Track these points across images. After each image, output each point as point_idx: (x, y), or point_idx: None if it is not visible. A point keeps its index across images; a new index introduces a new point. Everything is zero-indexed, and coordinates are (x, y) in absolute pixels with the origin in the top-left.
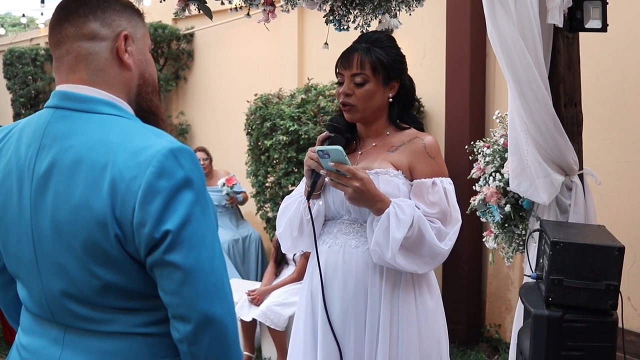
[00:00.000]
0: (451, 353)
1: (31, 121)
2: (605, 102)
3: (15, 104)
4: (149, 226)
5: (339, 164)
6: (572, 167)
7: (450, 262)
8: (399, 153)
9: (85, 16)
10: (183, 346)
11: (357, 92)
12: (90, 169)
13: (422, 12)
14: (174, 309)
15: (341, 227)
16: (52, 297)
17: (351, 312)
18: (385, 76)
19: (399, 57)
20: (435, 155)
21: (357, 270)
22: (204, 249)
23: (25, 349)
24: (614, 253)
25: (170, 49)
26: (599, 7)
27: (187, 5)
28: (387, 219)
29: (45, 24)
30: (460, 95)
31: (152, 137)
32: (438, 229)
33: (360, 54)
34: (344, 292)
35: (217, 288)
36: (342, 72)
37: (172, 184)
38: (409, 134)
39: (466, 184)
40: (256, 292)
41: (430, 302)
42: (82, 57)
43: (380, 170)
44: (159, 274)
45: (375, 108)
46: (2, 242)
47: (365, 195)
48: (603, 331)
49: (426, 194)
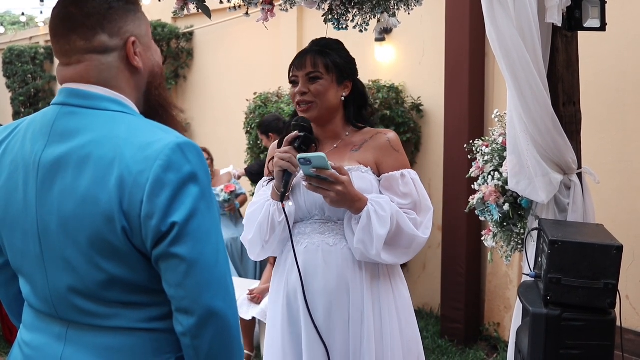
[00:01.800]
0: (450, 352)
1: (37, 118)
2: (604, 101)
3: (15, 103)
4: (156, 218)
5: (321, 170)
6: (570, 166)
7: (449, 261)
8: (363, 151)
9: (93, 29)
10: (186, 339)
11: (312, 87)
12: (98, 164)
13: (421, 12)
14: (178, 302)
15: (315, 226)
16: (57, 292)
17: (335, 310)
18: (338, 75)
19: (350, 59)
20: (398, 148)
21: (338, 267)
22: (208, 242)
23: (28, 346)
24: (613, 252)
25: (170, 47)
26: (598, 6)
27: (185, 4)
28: (367, 217)
29: (45, 23)
30: (459, 94)
31: (158, 132)
32: (414, 219)
33: (312, 55)
34: (326, 291)
35: (220, 282)
36: (296, 74)
37: (179, 177)
38: (368, 131)
39: (465, 182)
40: (256, 290)
41: (405, 293)
42: (94, 67)
43: (352, 167)
44: (164, 267)
45: (330, 105)
46: (7, 237)
47: (347, 197)
48: (601, 330)
49: (397, 186)
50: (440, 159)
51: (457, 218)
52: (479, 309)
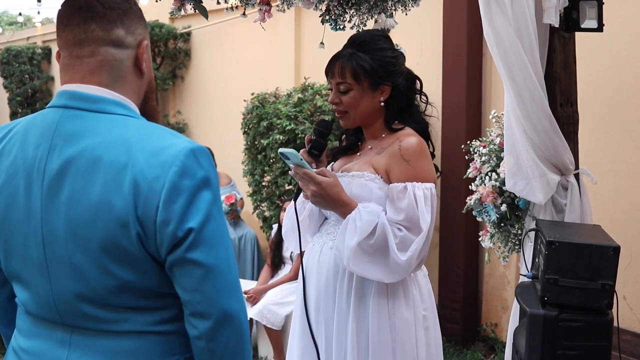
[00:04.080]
0: (447, 352)
1: (36, 120)
2: (602, 102)
3: (12, 103)
4: (173, 225)
5: (297, 167)
6: (568, 166)
7: (446, 262)
8: (382, 156)
9: (114, 22)
10: (201, 343)
11: (343, 99)
12: (109, 168)
13: (418, 12)
14: (194, 306)
15: (327, 227)
16: (62, 299)
17: (322, 310)
18: (371, 82)
19: (387, 59)
20: (410, 158)
21: (328, 270)
22: (222, 246)
23: (27, 352)
24: (610, 252)
25: (167, 48)
26: (595, 7)
27: (182, 4)
28: (346, 224)
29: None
30: (456, 94)
31: (169, 136)
32: (403, 237)
33: (341, 62)
34: (317, 290)
35: (233, 285)
36: (329, 81)
37: (194, 183)
38: (397, 135)
39: (462, 183)
40: (252, 290)
41: (407, 314)
42: (107, 62)
43: (357, 174)
44: (178, 272)
45: (366, 113)
46: (4, 243)
47: (326, 199)
48: (599, 330)
49: (396, 199)
50: (437, 159)
51: (455, 219)
52: (477, 310)
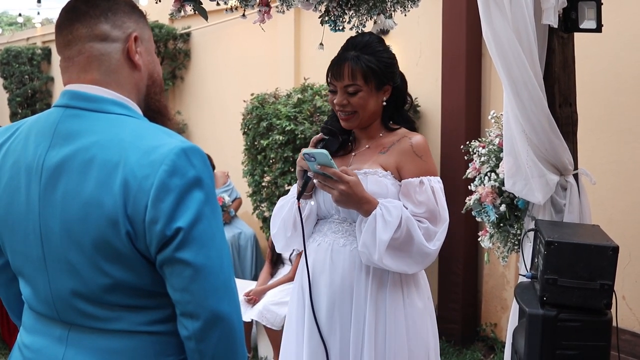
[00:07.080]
0: (447, 352)
1: (39, 120)
2: (600, 102)
3: (12, 104)
4: (161, 224)
5: (324, 167)
6: (567, 167)
7: (445, 262)
8: (388, 154)
9: (97, 17)
10: (191, 343)
11: (352, 100)
12: (102, 167)
13: (417, 12)
14: (183, 306)
15: (331, 225)
16: (59, 295)
17: (337, 310)
18: (377, 82)
19: (389, 60)
20: (422, 154)
21: (344, 268)
22: (213, 247)
23: (28, 348)
24: (609, 253)
25: (167, 48)
26: (594, 7)
27: (182, 6)
28: (374, 221)
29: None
30: (455, 95)
31: (163, 136)
32: (426, 228)
33: (350, 64)
34: (331, 290)
35: (225, 286)
36: (334, 83)
37: (184, 182)
38: (398, 134)
39: (462, 183)
40: (252, 292)
41: (419, 303)
42: (94, 57)
43: (369, 171)
44: (168, 271)
45: (371, 113)
46: (8, 239)
47: (352, 198)
48: (597, 330)
49: (414, 193)
50: (437, 159)
51: (454, 219)
52: (476, 310)
